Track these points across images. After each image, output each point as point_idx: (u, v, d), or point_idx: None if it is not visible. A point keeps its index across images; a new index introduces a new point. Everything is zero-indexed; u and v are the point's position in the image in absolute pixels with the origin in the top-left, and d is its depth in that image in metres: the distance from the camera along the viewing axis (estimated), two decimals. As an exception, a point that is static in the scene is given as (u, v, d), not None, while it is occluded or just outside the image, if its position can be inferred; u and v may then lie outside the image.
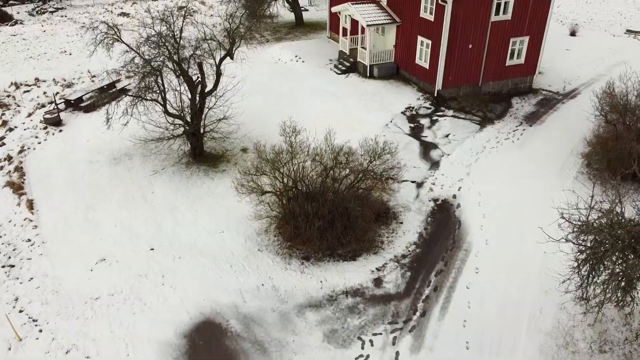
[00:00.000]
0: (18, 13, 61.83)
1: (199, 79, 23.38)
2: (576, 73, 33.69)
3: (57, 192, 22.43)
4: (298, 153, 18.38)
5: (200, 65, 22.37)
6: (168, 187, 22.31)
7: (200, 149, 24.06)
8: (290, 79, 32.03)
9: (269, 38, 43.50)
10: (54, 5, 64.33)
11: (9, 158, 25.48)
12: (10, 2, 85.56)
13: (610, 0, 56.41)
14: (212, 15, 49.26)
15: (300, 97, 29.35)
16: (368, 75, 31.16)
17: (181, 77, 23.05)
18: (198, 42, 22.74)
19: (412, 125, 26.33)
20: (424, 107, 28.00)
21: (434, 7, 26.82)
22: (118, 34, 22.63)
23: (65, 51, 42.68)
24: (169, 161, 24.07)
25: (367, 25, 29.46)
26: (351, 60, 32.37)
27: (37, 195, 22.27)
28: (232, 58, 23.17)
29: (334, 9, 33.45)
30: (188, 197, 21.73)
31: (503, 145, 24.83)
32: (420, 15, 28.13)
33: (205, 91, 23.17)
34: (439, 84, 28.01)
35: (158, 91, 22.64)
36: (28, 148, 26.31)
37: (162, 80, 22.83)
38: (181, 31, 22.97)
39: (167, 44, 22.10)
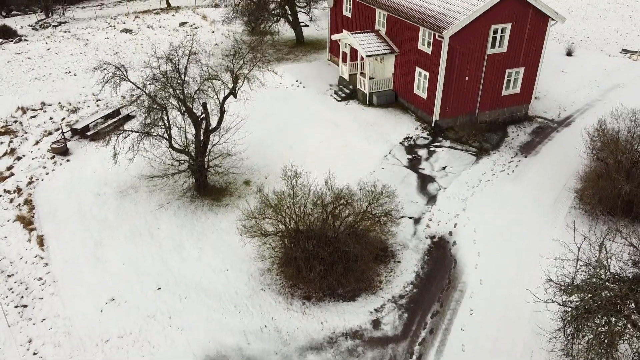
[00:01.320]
0: (22, 28, 62.58)
1: (203, 116, 24.10)
2: (571, 98, 34.40)
3: (66, 227, 23.18)
4: (299, 196, 19.08)
5: (204, 106, 23.08)
6: (174, 223, 23.04)
7: (204, 183, 24.79)
8: (291, 105, 32.76)
9: (270, 58, 44.24)
10: (56, 19, 64.98)
11: (19, 190, 26.23)
12: (14, 12, 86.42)
13: (607, 16, 57.13)
14: (215, 44, 49.98)
15: (301, 126, 30.08)
16: (367, 103, 31.88)
17: (186, 115, 23.78)
18: (202, 81, 23.41)
19: (410, 156, 27.06)
20: (421, 137, 28.73)
21: (432, 41, 27.53)
22: (125, 74, 23.31)
23: (70, 72, 43.38)
24: (174, 194, 24.81)
25: (367, 56, 30.17)
26: (351, 87, 33.09)
27: (46, 231, 23.02)
28: (235, 97, 23.89)
29: (334, 37, 34.17)
30: (193, 233, 22.48)
31: (498, 177, 25.56)
32: (418, 47, 28.85)
33: (210, 129, 23.88)
34: (436, 115, 28.74)
35: (164, 127, 23.36)
36: (36, 179, 27.06)
37: (167, 117, 23.56)
38: (185, 69, 23.65)
39: (172, 82, 22.78)
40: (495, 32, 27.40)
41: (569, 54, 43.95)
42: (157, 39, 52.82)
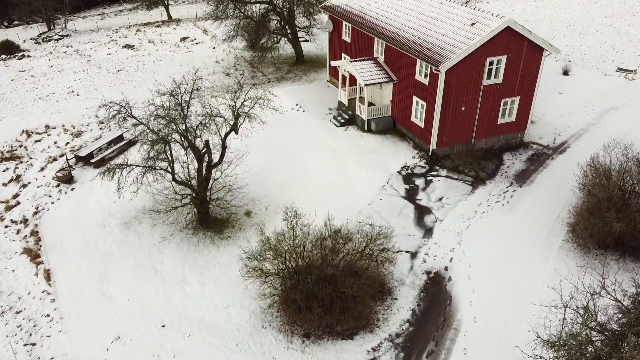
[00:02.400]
0: (24, 42, 63.08)
1: (205, 150, 24.71)
2: (567, 122, 35.01)
3: (72, 259, 23.84)
4: (299, 236, 19.69)
5: (207, 144, 23.68)
6: (177, 256, 23.68)
7: (206, 215, 25.41)
8: (291, 131, 33.37)
9: (271, 77, 44.91)
10: (59, 32, 65.53)
11: (25, 220, 26.88)
12: (15, 23, 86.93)
13: (604, 31, 57.67)
14: (216, 61, 50.36)
15: (301, 152, 30.68)
16: (366, 129, 32.50)
17: (189, 149, 24.41)
18: (204, 118, 24.01)
19: (407, 186, 27.68)
20: (419, 165, 29.36)
21: (429, 73, 28.14)
22: (129, 111, 23.91)
23: (73, 91, 43.99)
24: (177, 226, 25.43)
25: (365, 85, 30.78)
26: (349, 113, 33.70)
27: (53, 264, 23.68)
28: (236, 133, 24.48)
29: (334, 63, 34.76)
30: (195, 267, 23.11)
31: (493, 209, 26.19)
32: (416, 78, 29.46)
33: (212, 164, 24.50)
34: (433, 144, 29.36)
35: (167, 160, 23.96)
36: (42, 209, 27.70)
37: (171, 150, 24.16)
38: (188, 105, 24.25)
39: (175, 119, 23.36)
40: (491, 63, 28.01)
41: (566, 73, 44.55)
42: (158, 55, 53.47)
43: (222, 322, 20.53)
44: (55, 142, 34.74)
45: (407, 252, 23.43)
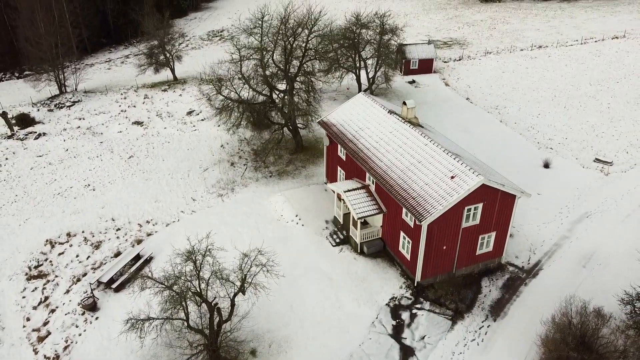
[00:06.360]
0: (38, 110, 66.49)
1: (216, 302, 28.26)
2: (542, 236, 38.50)
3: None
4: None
5: (219, 310, 27.22)
6: (192, 403, 27.30)
7: (217, 357, 29.01)
8: (290, 249, 36.92)
9: (272, 170, 48.37)
10: (70, 99, 68.86)
11: (57, 357, 30.50)
12: (26, 72, 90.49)
13: (587, 106, 61.04)
14: (221, 145, 53.51)
15: (299, 280, 34.19)
16: (359, 251, 36.04)
17: (203, 305, 27.98)
18: (214, 278, 27.48)
19: (394, 322, 31.25)
20: (405, 297, 32.92)
21: (413, 219, 31.62)
22: (151, 274, 27.37)
23: (89, 185, 47.51)
24: (191, 368, 29.02)
25: (357, 218, 34.28)
26: (344, 233, 37.22)
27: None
28: (243, 294, 27.98)
29: (329, 186, 38.22)
30: (209, 416, 26.73)
31: (469, 349, 29.75)
32: (402, 217, 32.95)
33: (222, 320, 28.06)
34: (418, 276, 32.90)
35: (182, 309, 27.45)
36: (71, 342, 31.33)
37: (186, 303, 27.70)
38: (201, 267, 27.73)
39: (191, 280, 26.86)
40: (469, 210, 31.46)
41: (547, 165, 47.96)
42: (167, 134, 56.90)
43: None
44: (77, 256, 38.35)
45: (391, 401, 27.02)
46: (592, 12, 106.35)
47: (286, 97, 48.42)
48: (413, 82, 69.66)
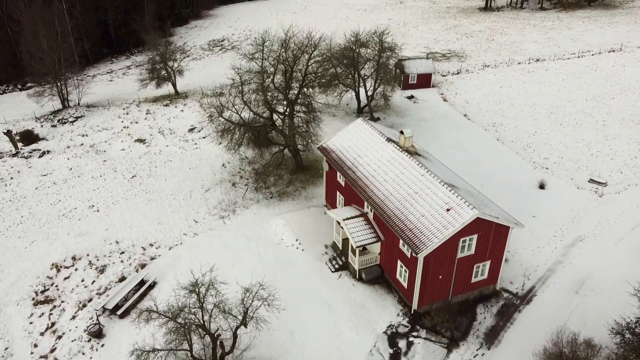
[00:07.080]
0: (42, 126, 67.35)
1: (219, 334, 29.24)
2: (536, 260, 39.45)
3: None
4: None
5: (222, 344, 28.19)
6: None
7: (220, 389, 30.04)
8: (290, 275, 37.88)
9: (273, 191, 49.29)
10: (73, 114, 69.73)
11: (65, 386, 31.50)
12: (28, 84, 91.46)
13: (582, 123, 61.91)
14: (223, 165, 54.36)
15: (299, 307, 35.10)
16: (357, 277, 37.00)
17: (206, 336, 28.97)
18: (217, 309, 28.45)
19: (391, 350, 32.21)
20: (402, 324, 33.88)
21: (410, 251, 32.56)
22: (154, 304, 28.34)
23: (93, 205, 48.39)
24: (195, 397, 29.99)
25: (356, 247, 35.22)
26: (343, 259, 38.18)
27: None
28: (245, 327, 28.94)
29: (329, 214, 39.14)
30: None
31: (464, 380, 30.76)
32: (399, 247, 33.90)
33: (225, 352, 29.04)
34: (415, 305, 33.86)
35: (186, 341, 28.43)
36: (78, 370, 32.32)
37: (190, 335, 28.69)
38: (204, 299, 28.70)
39: (195, 313, 27.85)
40: (464, 241, 32.40)
41: (542, 186, 48.88)
42: (169, 152, 57.80)
43: None
44: (82, 280, 39.30)
45: None
46: (589, 23, 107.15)
47: (286, 119, 49.35)
48: (412, 97, 70.55)
